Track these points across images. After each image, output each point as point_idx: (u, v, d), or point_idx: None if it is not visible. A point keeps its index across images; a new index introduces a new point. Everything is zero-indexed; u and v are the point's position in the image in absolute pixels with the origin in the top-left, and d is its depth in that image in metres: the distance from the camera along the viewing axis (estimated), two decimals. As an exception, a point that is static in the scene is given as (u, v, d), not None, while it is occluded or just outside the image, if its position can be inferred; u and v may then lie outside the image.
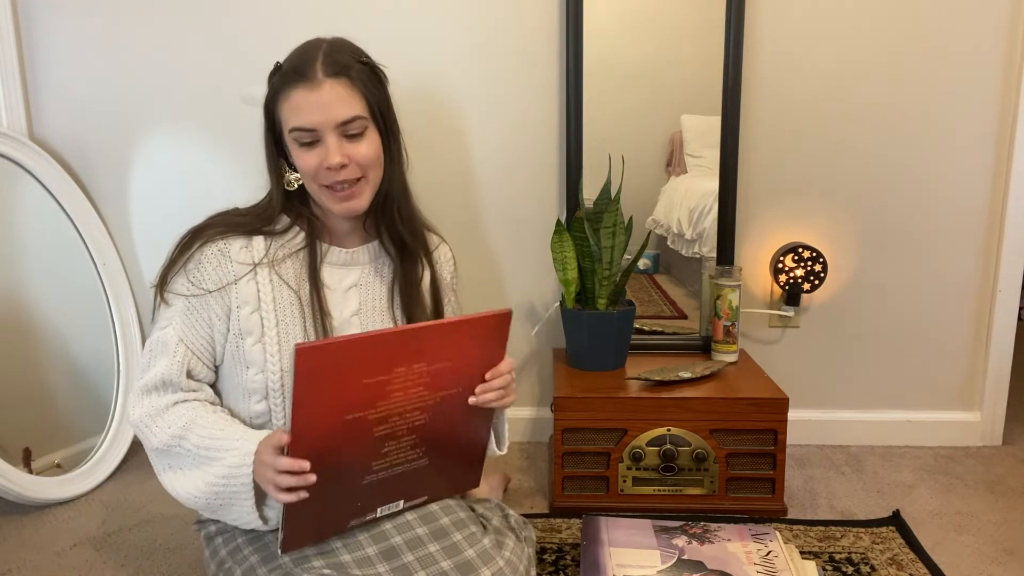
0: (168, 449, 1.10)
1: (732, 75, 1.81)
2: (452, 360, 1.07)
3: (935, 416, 2.01)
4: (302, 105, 1.08)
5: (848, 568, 1.44)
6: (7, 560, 1.48)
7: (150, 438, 1.11)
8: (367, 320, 1.22)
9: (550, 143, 1.91)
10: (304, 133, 1.09)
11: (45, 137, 1.90)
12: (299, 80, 1.08)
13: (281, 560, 1.11)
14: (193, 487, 1.08)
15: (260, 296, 1.14)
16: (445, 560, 1.10)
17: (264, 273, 1.15)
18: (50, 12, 1.85)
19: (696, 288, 1.97)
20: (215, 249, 1.14)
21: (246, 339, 1.14)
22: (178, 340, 1.12)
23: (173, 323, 1.13)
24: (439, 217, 1.93)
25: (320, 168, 1.11)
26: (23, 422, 1.73)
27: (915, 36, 1.83)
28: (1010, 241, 1.89)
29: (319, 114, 1.08)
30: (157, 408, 1.11)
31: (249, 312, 1.14)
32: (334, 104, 1.08)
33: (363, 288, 1.23)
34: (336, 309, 1.19)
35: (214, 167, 1.91)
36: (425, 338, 1.03)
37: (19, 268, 1.78)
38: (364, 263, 1.24)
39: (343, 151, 1.10)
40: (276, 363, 1.14)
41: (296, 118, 1.09)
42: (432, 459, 1.14)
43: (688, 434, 1.63)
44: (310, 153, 1.11)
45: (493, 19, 1.84)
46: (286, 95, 1.10)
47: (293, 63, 1.11)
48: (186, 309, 1.13)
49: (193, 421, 1.09)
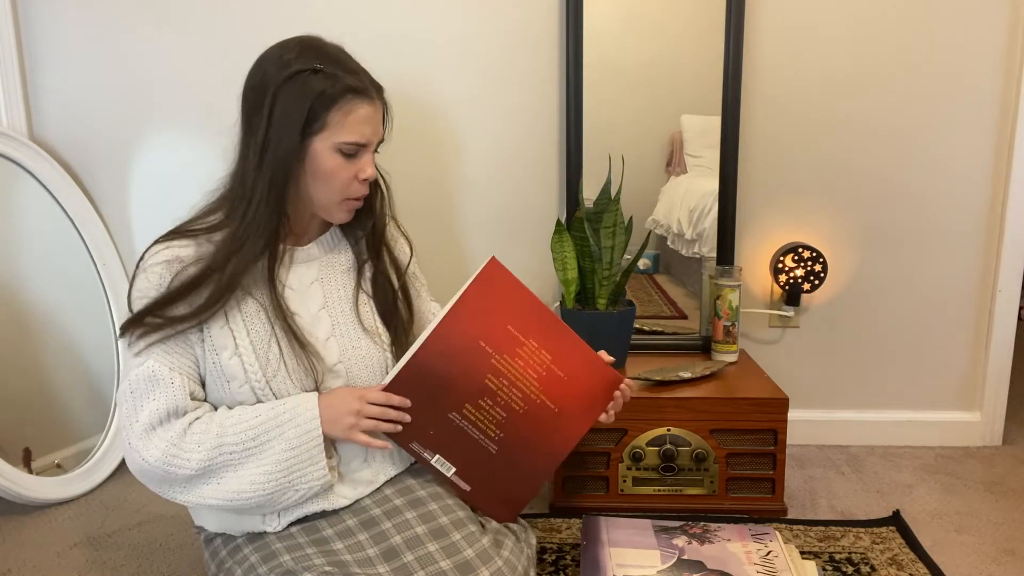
0: (210, 464, 1.08)
1: (732, 75, 1.81)
2: (568, 375, 1.19)
3: (935, 416, 2.01)
4: (367, 119, 1.13)
5: (848, 568, 1.44)
6: (7, 560, 1.48)
7: (183, 466, 1.08)
8: (335, 312, 1.22)
9: (550, 143, 1.91)
10: (354, 146, 1.14)
11: (45, 137, 1.90)
12: (362, 95, 1.13)
13: (282, 559, 1.11)
14: (253, 480, 1.09)
15: (225, 310, 1.13)
16: (444, 560, 1.10)
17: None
18: (50, 12, 1.85)
19: (696, 288, 1.97)
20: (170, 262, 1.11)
21: (221, 353, 1.13)
22: (169, 369, 1.10)
23: (154, 354, 1.10)
24: (439, 217, 1.94)
25: (354, 180, 1.16)
26: (23, 422, 1.73)
27: (916, 36, 1.83)
28: (1010, 241, 1.89)
29: (375, 130, 1.16)
30: (175, 436, 1.08)
31: (219, 327, 1.13)
32: (381, 122, 1.18)
33: (325, 282, 1.23)
34: (302, 307, 1.20)
35: (214, 167, 1.90)
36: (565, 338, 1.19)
37: (19, 268, 1.78)
38: (319, 256, 1.24)
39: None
40: (257, 371, 1.13)
41: (358, 131, 1.13)
42: (501, 451, 1.20)
43: (688, 434, 1.63)
44: (349, 165, 1.15)
45: (493, 19, 1.84)
46: (349, 106, 1.12)
47: (345, 72, 1.12)
48: (163, 338, 1.10)
49: (221, 425, 1.09)
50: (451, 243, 1.94)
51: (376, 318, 1.25)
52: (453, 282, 1.47)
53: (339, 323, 1.22)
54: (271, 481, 1.09)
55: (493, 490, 1.24)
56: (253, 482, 1.09)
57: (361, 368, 1.21)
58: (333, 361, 1.19)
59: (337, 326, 1.21)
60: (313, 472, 1.12)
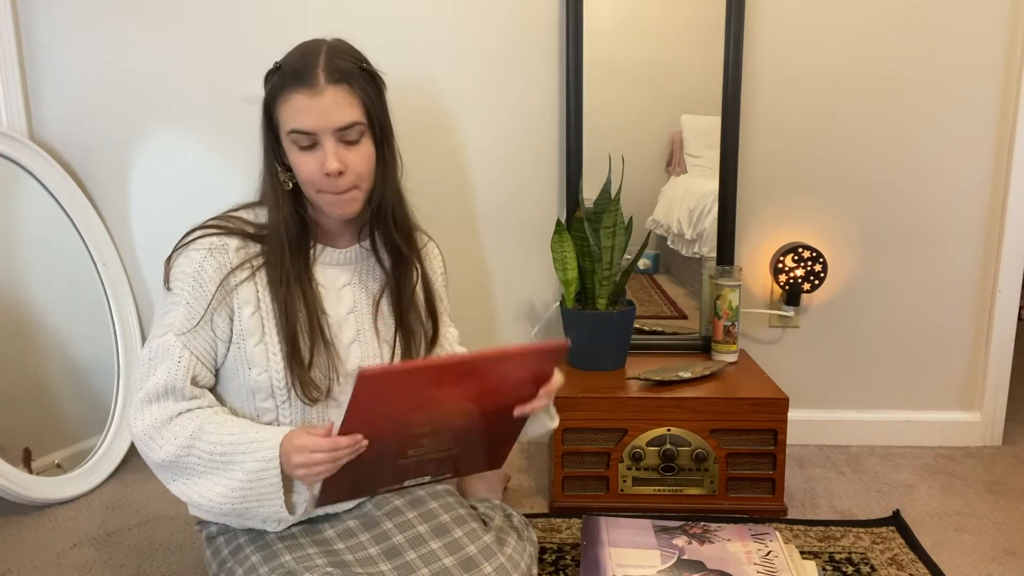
0: (176, 460, 1.08)
1: (732, 75, 1.82)
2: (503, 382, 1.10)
3: (935, 416, 2.01)
4: (303, 108, 1.08)
5: (848, 568, 1.44)
6: (7, 560, 1.48)
7: (155, 451, 1.08)
8: (362, 318, 1.22)
9: (550, 143, 1.91)
10: (302, 136, 1.09)
11: (45, 137, 1.90)
12: (300, 84, 1.08)
13: (283, 560, 1.11)
14: (215, 494, 1.07)
15: (259, 297, 1.14)
16: (447, 557, 1.10)
17: (262, 273, 1.15)
18: (50, 13, 1.85)
19: (696, 288, 1.97)
20: (214, 249, 1.13)
21: (248, 340, 1.14)
22: (182, 345, 1.11)
23: (174, 327, 1.11)
24: (439, 217, 1.94)
25: (318, 173, 1.10)
26: (23, 422, 1.73)
27: (916, 36, 1.83)
28: (1010, 241, 1.89)
29: (319, 118, 1.08)
30: (160, 420, 1.09)
31: (250, 313, 1.14)
32: (334, 109, 1.08)
33: (355, 287, 1.23)
34: (332, 307, 1.19)
35: (214, 167, 1.91)
36: (482, 366, 1.05)
37: (19, 268, 1.78)
38: (355, 263, 1.24)
39: (340, 157, 1.10)
40: (279, 362, 1.14)
41: (295, 120, 1.09)
42: (464, 449, 1.16)
43: (688, 434, 1.63)
44: (309, 157, 1.10)
45: (494, 20, 1.84)
46: (287, 97, 1.09)
47: (294, 65, 1.09)
48: (187, 313, 1.11)
49: (200, 428, 1.08)
50: (451, 243, 1.94)
51: (393, 331, 1.24)
52: (453, 283, 1.47)
53: (364, 329, 1.22)
54: (227, 503, 1.07)
55: (472, 464, 1.21)
56: (211, 499, 1.07)
57: None
58: (352, 366, 1.19)
59: (362, 332, 1.21)
60: (270, 506, 1.08)
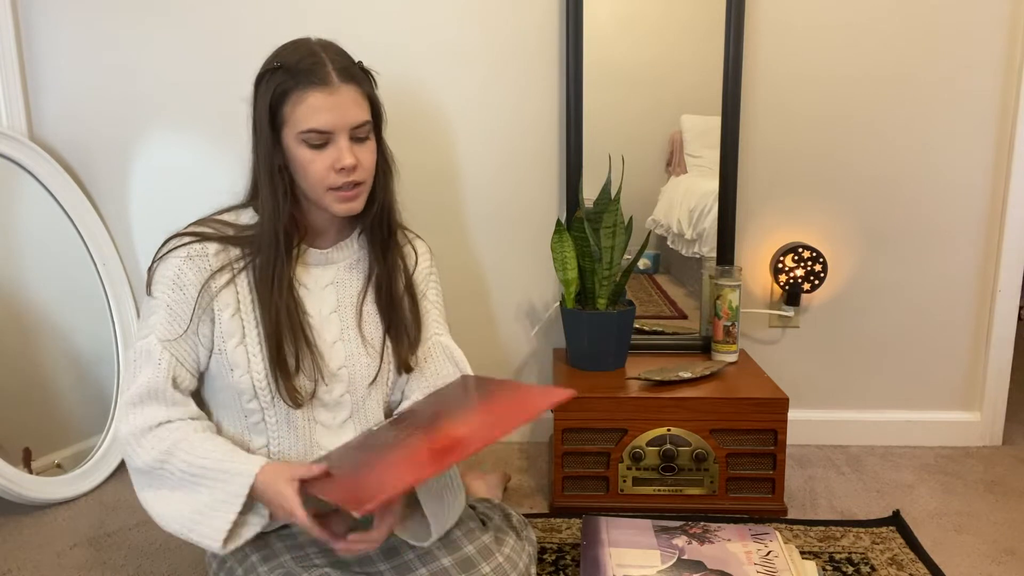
0: (151, 470, 1.08)
1: (732, 75, 1.82)
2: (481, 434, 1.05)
3: (935, 416, 2.01)
4: (319, 107, 1.09)
5: (848, 568, 1.44)
6: (7, 560, 1.48)
7: (133, 458, 1.08)
8: (346, 317, 1.21)
9: (550, 143, 1.91)
10: (318, 135, 1.10)
11: (45, 137, 1.90)
12: (315, 82, 1.09)
13: (283, 559, 1.11)
14: (175, 511, 1.06)
15: (239, 299, 1.14)
16: (446, 557, 1.10)
17: (243, 276, 1.15)
18: (50, 12, 1.85)
19: (696, 288, 1.97)
20: (193, 255, 1.13)
21: (228, 341, 1.13)
22: (162, 348, 1.11)
23: (156, 330, 1.11)
24: (440, 217, 1.94)
25: (331, 169, 1.11)
26: (23, 422, 1.73)
27: (916, 35, 1.83)
28: (1010, 241, 1.89)
29: (337, 116, 1.09)
30: (143, 427, 1.08)
31: (230, 315, 1.13)
32: (351, 107, 1.11)
33: (339, 286, 1.23)
34: (314, 307, 1.19)
35: (214, 167, 1.91)
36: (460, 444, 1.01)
37: (19, 268, 1.78)
38: (338, 261, 1.24)
39: (353, 153, 1.12)
40: (259, 363, 1.14)
41: (312, 119, 1.09)
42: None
43: (688, 434, 1.63)
44: (319, 155, 1.11)
45: (494, 20, 1.84)
46: (301, 96, 1.09)
47: (300, 64, 1.10)
48: (168, 315, 1.11)
49: (177, 444, 1.07)
50: (452, 243, 1.94)
51: (377, 329, 1.23)
52: (452, 283, 1.47)
53: (347, 328, 1.21)
54: (183, 521, 1.06)
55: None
56: (178, 512, 1.07)
57: (363, 377, 1.20)
58: (337, 365, 1.19)
59: (345, 331, 1.21)
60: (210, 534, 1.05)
